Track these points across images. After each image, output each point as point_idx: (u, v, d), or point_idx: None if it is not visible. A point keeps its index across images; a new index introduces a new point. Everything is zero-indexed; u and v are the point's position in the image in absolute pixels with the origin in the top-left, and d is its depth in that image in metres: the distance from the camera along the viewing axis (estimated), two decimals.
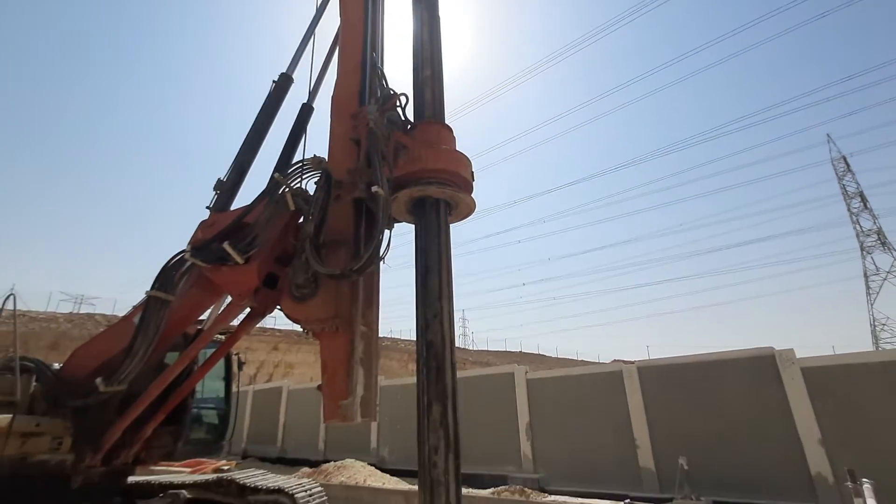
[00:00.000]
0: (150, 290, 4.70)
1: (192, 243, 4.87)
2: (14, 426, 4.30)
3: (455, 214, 5.27)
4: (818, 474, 6.70)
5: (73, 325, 25.19)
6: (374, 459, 11.78)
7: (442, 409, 4.03)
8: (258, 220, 4.64)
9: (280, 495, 5.56)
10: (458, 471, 3.87)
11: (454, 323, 4.51)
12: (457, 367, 4.37)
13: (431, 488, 3.75)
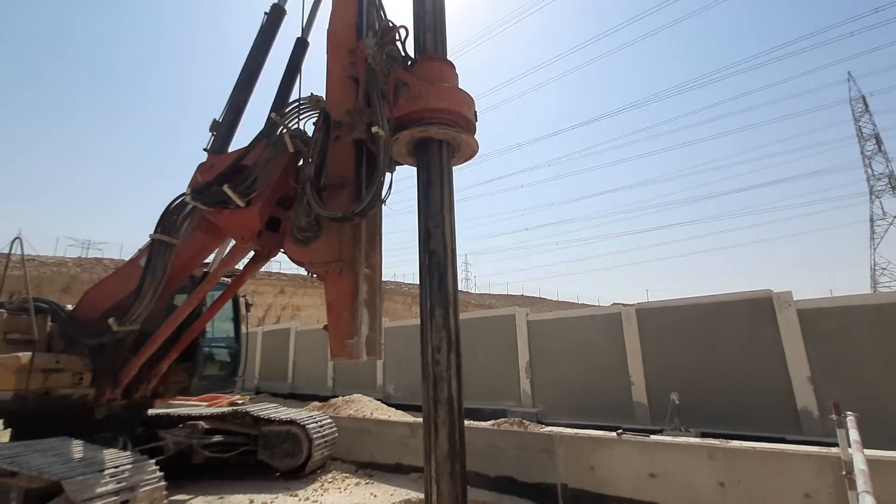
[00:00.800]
0: (154, 234, 4.73)
1: (191, 186, 4.83)
2: (35, 363, 4.49)
3: (458, 156, 5.16)
4: (804, 409, 7.02)
5: (83, 270, 25.65)
6: (380, 395, 12.39)
7: (444, 312, 4.26)
8: (257, 163, 4.57)
9: (292, 426, 5.90)
10: (458, 368, 4.14)
11: (455, 233, 4.63)
12: (458, 301, 4.50)
13: (434, 382, 4.05)
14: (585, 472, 4.57)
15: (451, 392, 4.03)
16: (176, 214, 4.83)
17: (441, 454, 3.91)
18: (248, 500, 5.02)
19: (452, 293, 4.38)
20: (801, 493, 3.54)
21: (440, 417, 3.96)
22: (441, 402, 4.01)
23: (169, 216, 4.82)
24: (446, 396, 4.00)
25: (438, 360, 4.08)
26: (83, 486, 3.14)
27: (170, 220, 4.80)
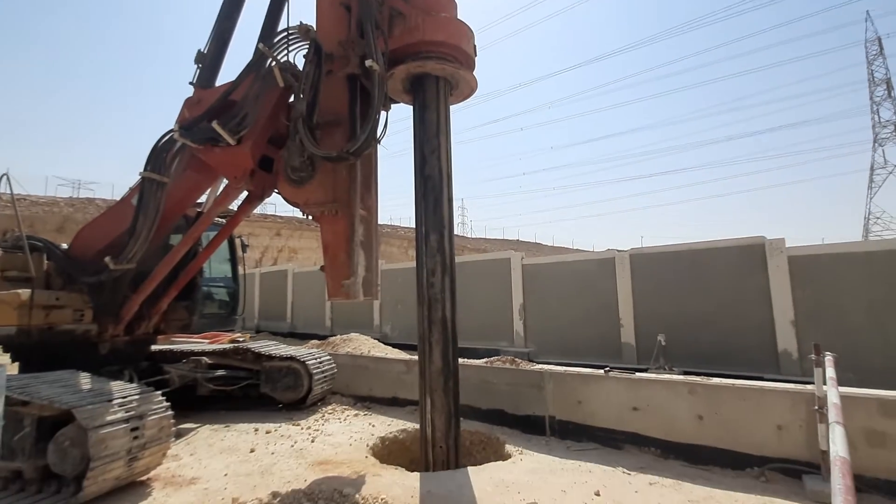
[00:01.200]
0: (144, 172, 4.63)
1: (179, 122, 4.67)
2: (35, 299, 4.55)
3: (455, 94, 4.97)
4: (784, 350, 7.33)
5: (76, 210, 25.37)
6: (377, 335, 12.77)
7: (439, 237, 4.39)
8: (246, 97, 4.38)
9: (293, 361, 6.12)
10: (452, 290, 4.34)
11: (451, 158, 4.63)
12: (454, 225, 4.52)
13: (429, 304, 4.26)
14: (573, 405, 4.82)
15: (445, 313, 4.23)
16: (165, 152, 4.71)
17: (435, 371, 4.16)
18: (253, 428, 5.30)
19: (447, 218, 4.45)
20: (774, 425, 3.77)
21: (434, 337, 4.18)
22: (435, 323, 4.21)
23: (158, 154, 4.69)
24: (440, 317, 4.21)
25: (433, 282, 4.26)
26: (93, 414, 3.28)
27: (159, 157, 4.68)
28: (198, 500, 3.46)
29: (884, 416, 3.37)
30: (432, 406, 4.12)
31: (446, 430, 4.06)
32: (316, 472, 4.00)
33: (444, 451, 4.04)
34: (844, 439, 1.62)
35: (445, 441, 4.05)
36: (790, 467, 3.63)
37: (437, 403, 4.11)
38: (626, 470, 3.91)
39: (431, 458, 4.04)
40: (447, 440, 4.05)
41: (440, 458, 4.03)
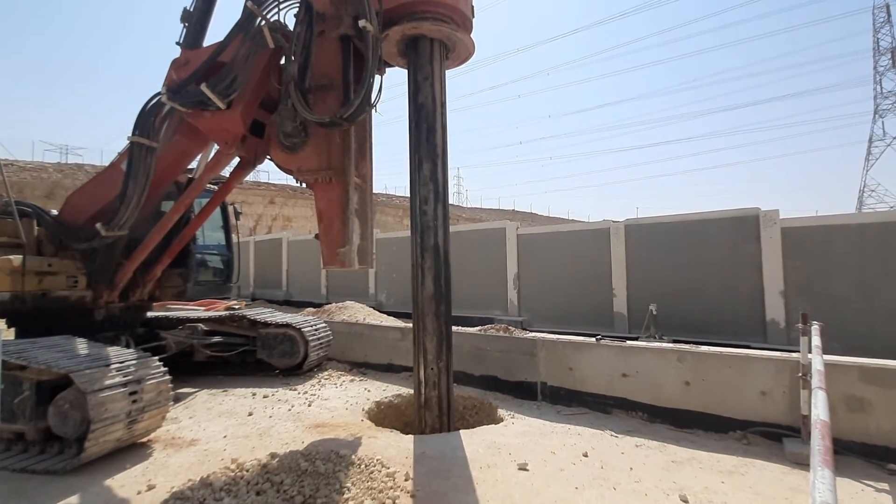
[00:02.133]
0: (132, 136, 4.52)
1: (166, 85, 4.52)
2: (27, 265, 4.52)
3: (452, 58, 4.84)
4: (772, 320, 7.48)
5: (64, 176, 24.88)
6: (372, 303, 12.87)
7: (432, 165, 4.40)
8: (235, 59, 4.24)
9: (288, 328, 6.18)
10: (445, 217, 4.41)
11: (445, 85, 4.58)
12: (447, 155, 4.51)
13: (422, 231, 4.34)
14: (564, 372, 4.93)
15: (438, 241, 4.31)
16: (153, 116, 4.58)
17: (427, 296, 4.27)
18: (251, 393, 5.40)
19: (441, 146, 4.45)
20: (758, 391, 3.89)
21: (426, 263, 4.28)
22: (428, 250, 4.29)
23: (146, 118, 4.57)
24: (433, 244, 4.30)
25: (426, 210, 4.32)
26: (91, 378, 3.32)
27: (147, 121, 4.56)
28: (198, 460, 3.55)
29: (864, 382, 3.47)
30: (424, 329, 4.26)
31: (437, 352, 4.21)
32: (313, 434, 4.11)
33: (435, 372, 4.19)
34: (826, 404, 1.67)
35: (437, 363, 4.20)
36: (771, 431, 3.77)
37: (428, 327, 4.25)
38: (613, 433, 4.04)
39: (423, 377, 4.20)
40: (438, 362, 4.20)
41: (432, 378, 4.18)
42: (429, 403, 4.20)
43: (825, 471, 1.11)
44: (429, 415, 4.19)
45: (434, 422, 4.18)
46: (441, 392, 4.21)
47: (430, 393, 4.20)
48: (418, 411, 4.26)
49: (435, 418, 4.19)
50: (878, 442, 3.40)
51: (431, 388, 4.21)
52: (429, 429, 4.17)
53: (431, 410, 4.19)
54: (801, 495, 2.90)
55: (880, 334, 6.57)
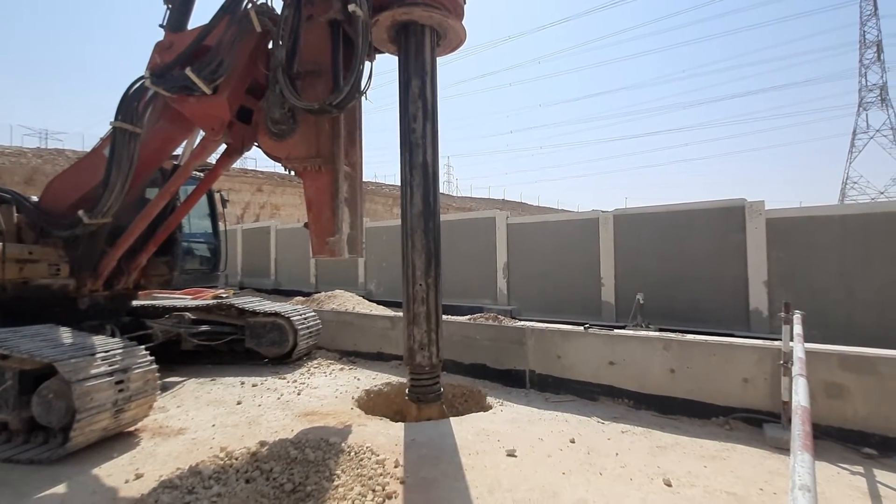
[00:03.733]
0: (114, 121, 4.41)
1: (150, 68, 4.40)
2: (7, 253, 4.42)
3: (443, 45, 4.79)
4: (755, 309, 7.63)
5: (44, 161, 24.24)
6: (362, 292, 12.84)
7: (421, 83, 4.40)
8: (221, 43, 4.14)
9: (277, 317, 6.15)
10: (434, 135, 4.44)
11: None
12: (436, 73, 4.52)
13: (411, 148, 4.35)
14: (552, 360, 4.99)
15: (427, 158, 4.34)
16: (136, 100, 4.47)
17: (416, 213, 4.31)
18: (240, 381, 5.38)
19: (430, 64, 4.44)
20: (741, 378, 3.98)
21: (416, 181, 4.32)
22: (416, 167, 4.32)
23: (129, 102, 4.45)
24: (421, 161, 4.32)
25: (415, 128, 4.34)
26: (76, 367, 3.28)
27: (130, 106, 4.45)
28: (186, 449, 3.54)
29: (842, 369, 3.57)
30: (413, 247, 4.31)
31: (426, 268, 4.26)
32: (303, 422, 4.12)
33: (423, 288, 4.24)
34: (806, 390, 1.72)
35: (425, 279, 4.26)
36: (753, 417, 3.87)
37: (417, 244, 4.30)
38: (600, 419, 4.11)
39: (412, 293, 4.27)
40: (426, 278, 4.26)
41: (420, 294, 4.24)
42: (417, 319, 4.25)
43: (805, 455, 1.14)
44: (417, 330, 4.25)
45: (423, 337, 4.24)
46: (429, 308, 4.26)
47: (418, 308, 4.26)
48: (407, 327, 4.32)
49: (423, 333, 4.24)
50: (855, 427, 3.51)
51: (420, 304, 4.26)
52: (417, 344, 4.23)
53: (420, 325, 4.25)
54: (780, 478, 2.99)
55: (859, 323, 6.74)
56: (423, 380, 4.35)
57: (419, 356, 4.27)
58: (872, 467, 3.18)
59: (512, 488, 2.88)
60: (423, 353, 4.26)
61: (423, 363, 4.28)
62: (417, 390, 4.34)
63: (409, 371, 4.40)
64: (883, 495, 2.81)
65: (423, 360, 4.27)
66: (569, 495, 2.79)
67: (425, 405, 4.29)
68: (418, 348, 4.25)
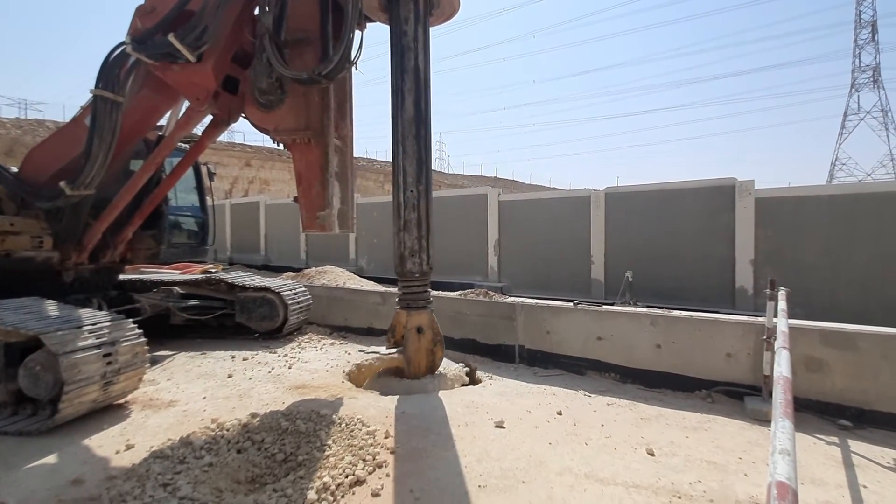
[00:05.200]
0: (95, 89, 4.25)
1: (131, 34, 4.23)
2: None
3: (436, 14, 4.66)
4: (741, 287, 7.77)
5: (24, 132, 23.49)
6: (353, 269, 12.82)
7: None
8: (206, 7, 3.98)
9: (267, 292, 6.13)
10: (425, 40, 4.36)
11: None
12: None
13: (402, 53, 4.29)
14: (542, 335, 5.05)
15: (418, 63, 4.30)
16: (117, 67, 4.30)
17: (407, 119, 4.29)
18: (230, 355, 5.39)
19: None
20: (724, 353, 4.07)
21: (406, 86, 4.29)
22: (408, 72, 4.28)
23: (110, 70, 4.29)
24: (413, 66, 4.28)
25: (406, 31, 4.27)
26: (63, 340, 3.25)
27: (111, 74, 4.28)
28: (177, 421, 3.56)
29: (823, 345, 3.67)
30: (404, 153, 4.31)
31: (417, 175, 4.28)
32: (293, 395, 4.15)
33: (414, 195, 4.27)
34: (789, 362, 1.76)
35: (416, 186, 4.28)
36: (734, 390, 3.97)
37: (408, 150, 4.30)
38: (587, 392, 4.20)
39: (403, 199, 4.29)
40: (417, 185, 4.28)
41: (411, 201, 4.27)
42: (408, 226, 4.27)
43: (786, 422, 1.17)
44: (408, 236, 4.27)
45: (413, 243, 4.27)
46: (420, 214, 4.28)
47: (409, 215, 4.27)
48: (397, 235, 4.33)
49: (414, 240, 4.27)
50: (832, 400, 3.62)
51: (411, 211, 4.27)
52: (408, 251, 4.26)
53: (410, 232, 4.27)
54: (759, 448, 3.09)
55: (841, 301, 6.90)
56: (413, 287, 4.36)
57: (410, 263, 4.27)
58: (847, 438, 3.30)
59: (500, 457, 2.95)
60: (414, 259, 4.26)
61: (413, 270, 4.28)
62: (408, 297, 4.36)
63: (400, 278, 4.41)
64: (856, 464, 2.93)
65: (413, 266, 4.27)
66: (555, 464, 2.87)
67: (415, 313, 4.33)
68: (409, 255, 4.24)
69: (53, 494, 2.56)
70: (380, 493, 2.55)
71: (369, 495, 2.54)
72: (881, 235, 6.72)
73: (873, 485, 2.68)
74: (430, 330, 4.42)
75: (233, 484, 2.73)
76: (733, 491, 2.57)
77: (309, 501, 2.43)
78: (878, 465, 2.91)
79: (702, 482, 2.66)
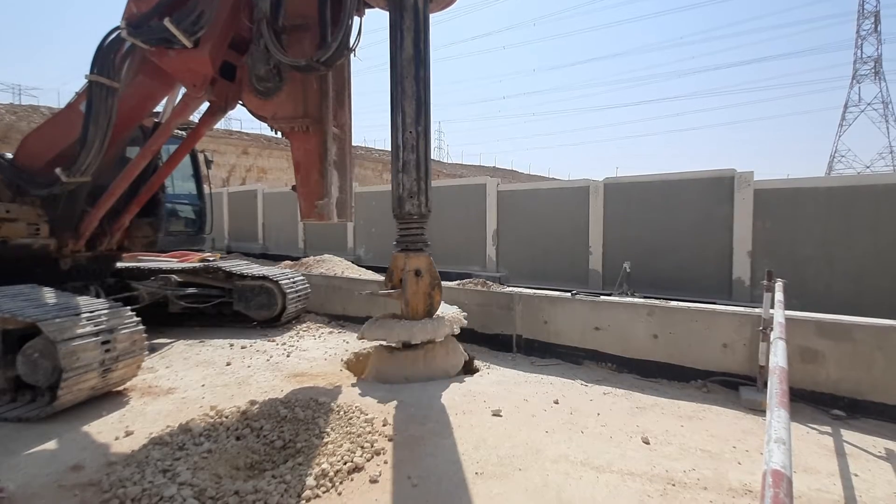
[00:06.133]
0: (90, 75, 4.20)
1: (126, 18, 4.18)
2: None
3: (436, 1, 4.59)
4: (738, 278, 7.80)
5: (19, 118, 23.24)
6: (351, 258, 12.81)
7: None
8: None
9: (265, 280, 6.12)
10: None
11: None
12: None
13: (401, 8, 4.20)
14: (539, 325, 5.07)
15: (417, 2, 4.20)
16: (113, 52, 4.25)
17: (406, 58, 4.21)
18: (228, 343, 5.40)
19: None
20: (721, 344, 4.10)
21: (405, 24, 4.19)
22: (407, 10, 4.18)
23: (105, 55, 4.23)
24: (412, 4, 4.17)
25: None
26: (61, 327, 3.25)
27: (106, 59, 4.23)
28: (176, 408, 3.58)
29: (819, 336, 3.69)
30: (403, 93, 4.22)
31: (416, 116, 4.20)
32: (292, 383, 4.17)
33: (413, 136, 4.20)
34: (785, 352, 1.77)
35: (415, 127, 4.21)
36: (730, 380, 4.01)
37: (407, 91, 4.21)
38: (583, 382, 4.23)
39: (401, 141, 4.22)
40: (416, 126, 4.21)
41: (410, 142, 4.20)
42: (406, 167, 4.19)
43: (781, 411, 1.18)
44: (406, 178, 4.21)
45: (412, 185, 4.21)
46: (419, 156, 4.21)
47: (408, 157, 4.19)
48: (396, 176, 4.27)
49: (412, 181, 4.21)
50: (826, 390, 3.66)
51: (410, 152, 4.19)
52: (406, 192, 4.20)
53: (409, 174, 4.20)
54: (753, 437, 3.13)
55: (837, 292, 6.94)
56: (411, 228, 4.30)
57: (408, 204, 4.19)
58: (840, 427, 3.34)
59: (497, 445, 2.98)
60: (413, 201, 4.19)
61: (412, 211, 4.21)
62: (406, 239, 4.30)
63: (398, 220, 4.34)
64: (848, 453, 2.97)
65: (412, 208, 4.20)
66: (551, 451, 2.90)
67: (413, 255, 4.27)
68: (407, 196, 4.17)
69: (53, 480, 2.58)
70: (378, 480, 2.58)
71: (367, 482, 2.57)
72: (878, 228, 6.74)
73: (864, 473, 2.72)
74: (429, 274, 4.33)
75: (232, 470, 2.75)
76: (727, 479, 2.61)
77: (308, 487, 2.45)
78: (870, 455, 2.95)
79: (696, 470, 2.70)
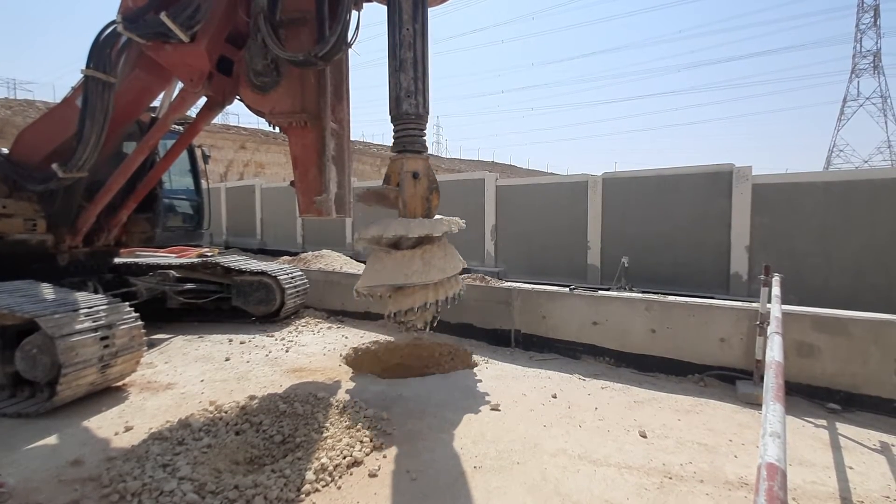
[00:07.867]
0: (86, 69, 4.17)
1: (122, 12, 4.14)
2: None
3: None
4: (735, 273, 7.83)
5: (14, 112, 23.10)
6: (349, 253, 12.80)
7: None
8: None
9: (263, 276, 6.12)
10: None
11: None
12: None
13: None
14: (538, 320, 5.09)
15: None
16: (109, 47, 4.21)
17: None
18: (227, 339, 5.41)
19: None
20: (718, 338, 4.12)
21: None
22: None
23: (101, 49, 4.20)
24: None
25: None
26: (59, 323, 3.25)
27: (102, 53, 4.20)
28: (175, 403, 3.59)
29: (815, 330, 3.72)
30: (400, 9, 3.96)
31: (413, 11, 4.01)
32: (291, 378, 4.18)
33: (410, 33, 4.00)
34: (781, 347, 1.78)
35: (412, 24, 4.01)
36: (726, 374, 4.03)
37: None
38: (581, 376, 4.25)
39: (398, 39, 4.03)
40: (413, 23, 4.02)
41: (407, 39, 4.01)
42: (404, 66, 4.01)
43: (777, 405, 1.19)
44: (404, 77, 4.03)
45: (409, 84, 4.03)
46: (416, 54, 4.02)
47: (405, 54, 4.02)
48: (393, 75, 4.07)
49: (410, 80, 4.02)
50: (822, 384, 3.69)
51: (407, 50, 4.02)
52: (403, 91, 4.02)
53: (406, 72, 4.02)
54: (749, 431, 3.15)
55: (834, 287, 6.97)
56: (409, 129, 4.11)
57: (406, 104, 4.01)
58: (836, 421, 3.36)
59: (495, 440, 3.00)
60: (410, 100, 4.01)
61: (409, 111, 4.03)
62: (403, 140, 4.10)
63: (395, 121, 4.15)
64: (843, 446, 3.00)
65: (409, 107, 4.02)
66: (549, 446, 2.92)
67: (410, 157, 4.10)
68: (405, 96, 4.00)
69: (54, 474, 2.59)
70: (377, 474, 2.60)
71: (366, 476, 2.58)
72: (875, 223, 6.76)
73: (859, 466, 2.75)
74: (427, 178, 4.19)
75: (231, 465, 2.76)
76: (723, 472, 2.63)
77: (307, 482, 2.47)
78: (865, 447, 2.98)
79: (692, 463, 2.72)
